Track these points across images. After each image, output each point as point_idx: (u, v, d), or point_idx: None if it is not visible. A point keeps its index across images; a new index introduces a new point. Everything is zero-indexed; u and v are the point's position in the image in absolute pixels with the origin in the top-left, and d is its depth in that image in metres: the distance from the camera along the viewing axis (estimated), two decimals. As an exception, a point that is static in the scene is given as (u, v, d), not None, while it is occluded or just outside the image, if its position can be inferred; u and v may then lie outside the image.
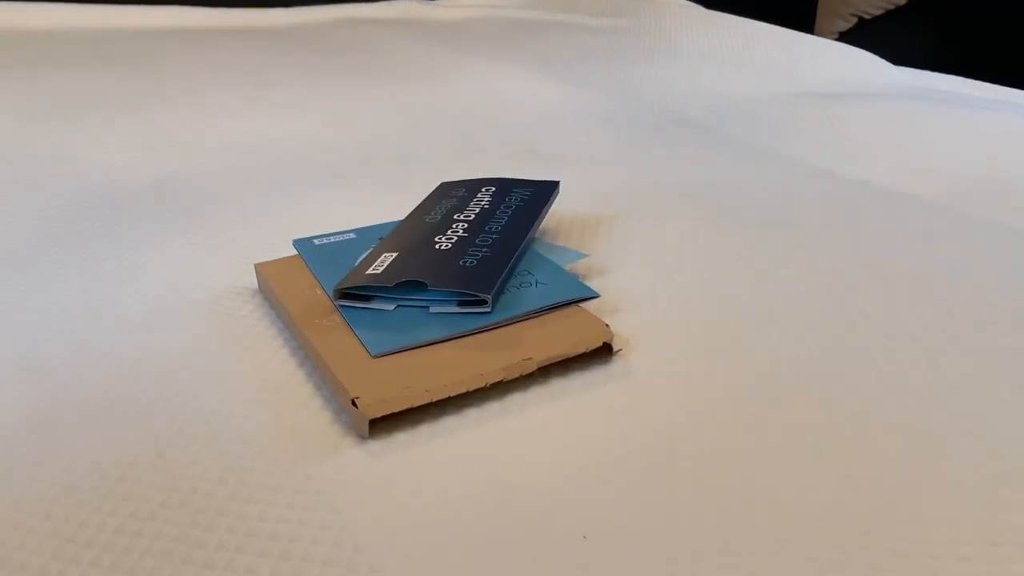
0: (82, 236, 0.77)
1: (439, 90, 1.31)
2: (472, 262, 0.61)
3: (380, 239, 0.69)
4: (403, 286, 0.59)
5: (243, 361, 0.57)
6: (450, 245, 0.64)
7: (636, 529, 0.41)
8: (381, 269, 0.61)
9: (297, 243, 0.70)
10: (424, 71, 1.45)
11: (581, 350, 0.55)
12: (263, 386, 0.54)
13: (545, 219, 0.79)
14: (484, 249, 0.63)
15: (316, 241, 0.70)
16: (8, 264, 0.72)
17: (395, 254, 0.63)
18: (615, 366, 0.55)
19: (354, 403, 0.49)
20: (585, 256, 0.67)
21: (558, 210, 0.82)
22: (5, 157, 0.98)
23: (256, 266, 0.67)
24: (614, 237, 0.76)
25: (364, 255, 0.66)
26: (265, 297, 0.66)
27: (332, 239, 0.70)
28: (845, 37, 3.07)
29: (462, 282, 0.58)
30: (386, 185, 0.90)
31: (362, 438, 0.49)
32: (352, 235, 0.71)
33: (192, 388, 0.53)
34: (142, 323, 0.62)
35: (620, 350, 0.57)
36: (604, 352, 0.56)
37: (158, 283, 0.68)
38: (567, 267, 0.67)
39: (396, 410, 0.49)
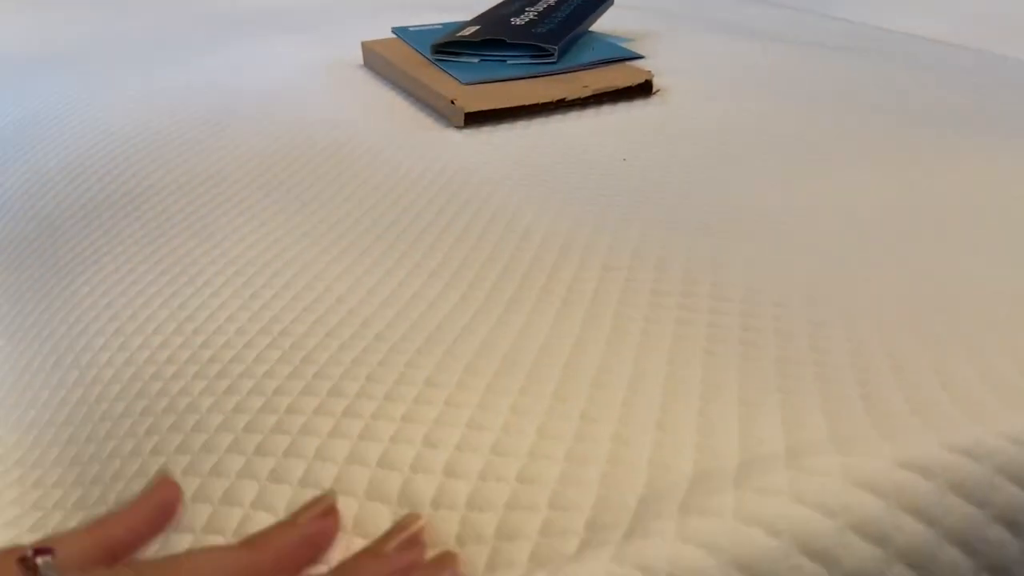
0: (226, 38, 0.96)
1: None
2: (542, 31, 0.78)
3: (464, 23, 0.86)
4: (486, 44, 0.77)
5: (361, 97, 0.75)
6: (523, 22, 0.81)
7: (658, 175, 0.58)
8: (468, 33, 0.78)
9: (395, 29, 0.87)
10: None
11: (627, 83, 0.71)
12: (378, 113, 0.72)
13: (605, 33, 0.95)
14: (551, 25, 0.80)
15: (411, 29, 0.87)
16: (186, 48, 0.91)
17: (478, 27, 0.80)
18: (654, 100, 0.72)
19: (452, 103, 0.67)
20: (640, 57, 0.83)
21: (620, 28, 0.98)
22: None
23: (363, 43, 0.85)
24: (670, 45, 0.91)
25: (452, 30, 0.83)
26: (369, 68, 0.84)
27: (424, 27, 0.87)
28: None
29: (534, 39, 0.75)
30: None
31: (459, 128, 0.66)
32: (439, 26, 0.88)
33: (328, 109, 0.72)
34: (281, 82, 0.80)
35: (659, 90, 0.73)
36: (645, 90, 0.73)
37: (277, 62, 0.86)
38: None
39: (484, 108, 0.67)
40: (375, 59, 0.82)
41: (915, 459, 0.24)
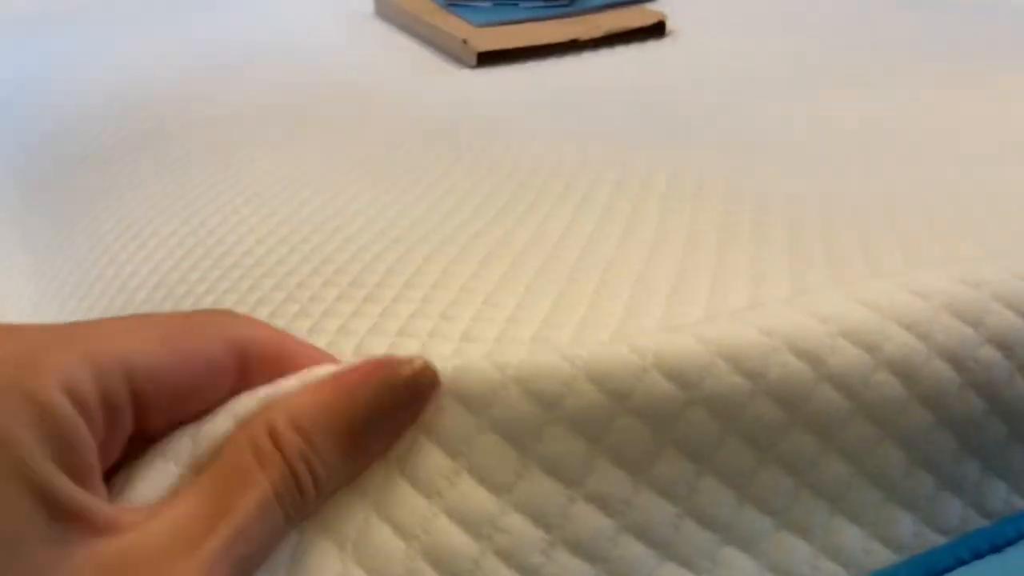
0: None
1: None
2: (554, -24, 0.79)
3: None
4: (498, -12, 0.78)
5: (374, 43, 0.76)
6: (535, -32, 0.82)
7: (670, 107, 0.59)
8: (480, -22, 0.79)
9: (407, -21, 0.88)
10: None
11: (640, 24, 0.72)
12: (391, 56, 0.73)
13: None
14: (563, -29, 0.81)
15: (422, -22, 0.88)
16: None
17: (490, -27, 0.81)
18: (667, 41, 0.73)
19: (465, 42, 0.68)
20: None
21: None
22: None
23: (374, -10, 0.86)
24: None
25: (464, -21, 0.84)
26: (381, 17, 0.85)
27: (435, -23, 0.88)
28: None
29: (546, -19, 0.76)
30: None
31: (472, 68, 0.68)
32: (451, -24, 0.89)
33: (341, 54, 0.73)
34: (295, 31, 0.81)
35: (672, 31, 0.74)
36: (659, 31, 0.73)
37: (291, 12, 0.88)
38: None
39: (496, 47, 0.67)
40: (387, 7, 0.83)
41: (913, 282, 0.25)
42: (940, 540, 0.26)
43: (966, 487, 0.27)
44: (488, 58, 0.68)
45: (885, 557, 0.26)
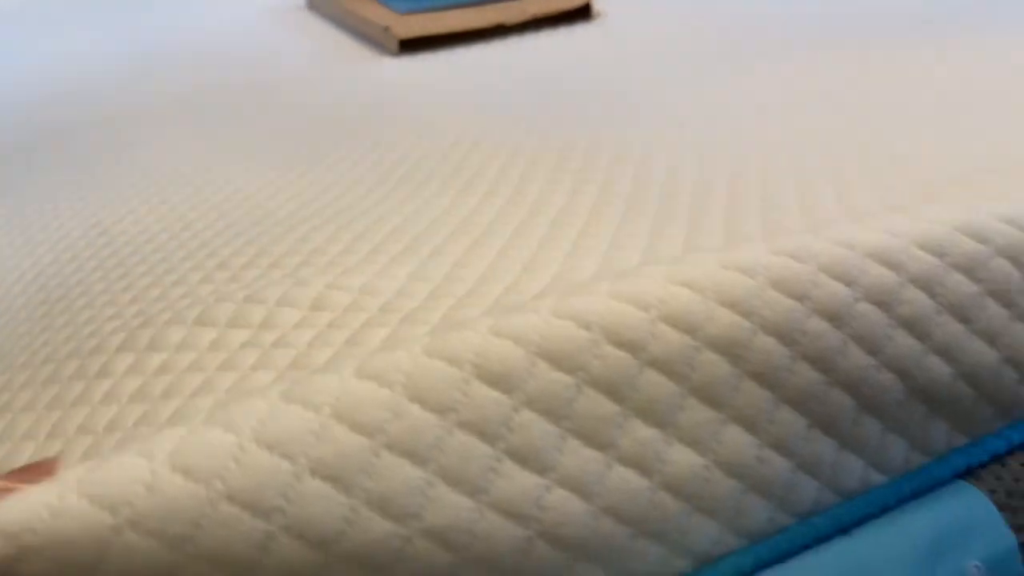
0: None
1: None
2: (483, -38, 0.79)
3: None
4: (426, -24, 0.77)
5: (302, 35, 0.75)
6: (465, -45, 0.81)
7: (594, 85, 0.59)
8: (408, -34, 0.79)
9: (339, -29, 0.87)
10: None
11: (566, 7, 0.72)
12: (316, 46, 0.73)
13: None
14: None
15: (355, -30, 0.88)
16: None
17: (419, -39, 0.81)
18: (594, 24, 0.73)
19: (386, 29, 0.67)
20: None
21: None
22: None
23: (306, -16, 0.85)
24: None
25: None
26: (312, 10, 0.84)
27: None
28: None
29: (474, -32, 0.76)
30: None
31: (395, 55, 0.67)
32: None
33: (269, 44, 0.73)
34: (231, 24, 0.81)
35: (599, 14, 0.74)
36: (585, 14, 0.73)
37: (228, 6, 0.87)
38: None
39: (418, 34, 0.67)
40: (319, 0, 0.83)
41: (737, 260, 0.25)
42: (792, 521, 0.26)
43: (823, 468, 0.26)
44: (411, 45, 0.67)
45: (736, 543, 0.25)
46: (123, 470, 0.20)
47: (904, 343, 0.26)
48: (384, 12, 0.72)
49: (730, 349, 0.24)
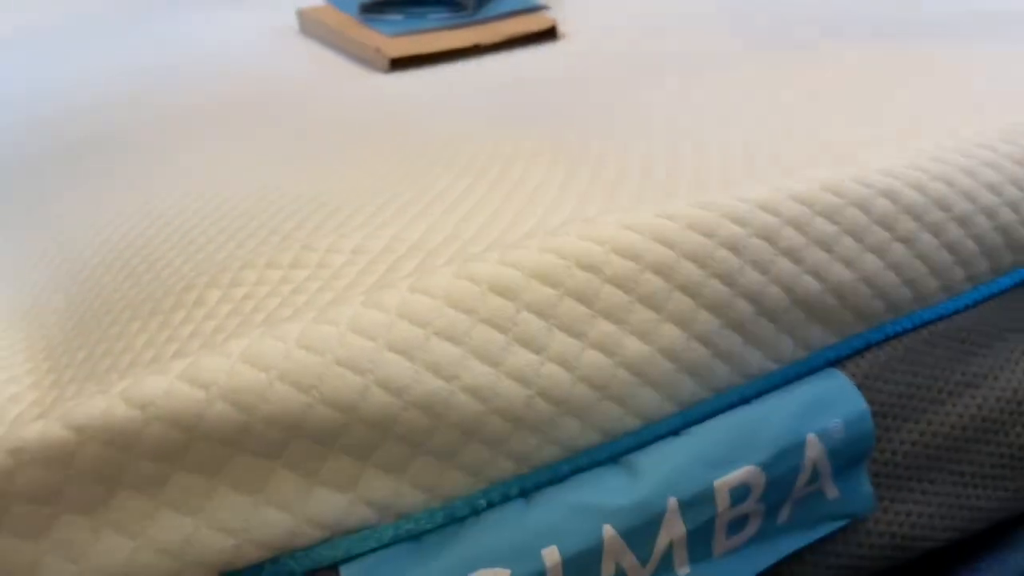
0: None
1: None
2: (459, -10, 0.90)
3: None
4: (409, 2, 0.88)
5: (298, 55, 0.86)
6: (443, -16, 0.93)
7: (559, 96, 0.70)
8: (392, -6, 0.90)
9: (328, -2, 0.98)
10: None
11: (534, 28, 0.84)
12: (312, 65, 0.83)
13: None
14: (467, -15, 0.92)
15: (342, -3, 0.99)
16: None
17: (402, -11, 0.92)
18: (560, 43, 0.84)
19: (377, 50, 0.78)
20: (547, 8, 0.95)
21: None
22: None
23: (299, 10, 0.96)
24: (571, 4, 1.04)
25: (379, -5, 0.95)
26: (305, 33, 0.95)
27: (354, -5, 0.99)
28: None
29: (451, -5, 0.88)
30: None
31: (385, 73, 0.78)
32: (369, -6, 0.99)
33: (269, 64, 0.83)
34: (229, 45, 0.91)
35: (564, 35, 0.86)
36: (551, 35, 0.85)
37: (225, 30, 0.97)
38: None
39: (406, 54, 0.78)
40: (311, 24, 0.94)
41: (665, 210, 0.36)
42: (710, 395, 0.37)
43: (733, 356, 0.37)
44: (400, 63, 0.78)
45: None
46: (210, 364, 0.31)
47: (785, 266, 0.38)
48: (374, 35, 0.83)
49: (662, 270, 0.36)
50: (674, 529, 0.35)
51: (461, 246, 0.39)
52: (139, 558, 0.29)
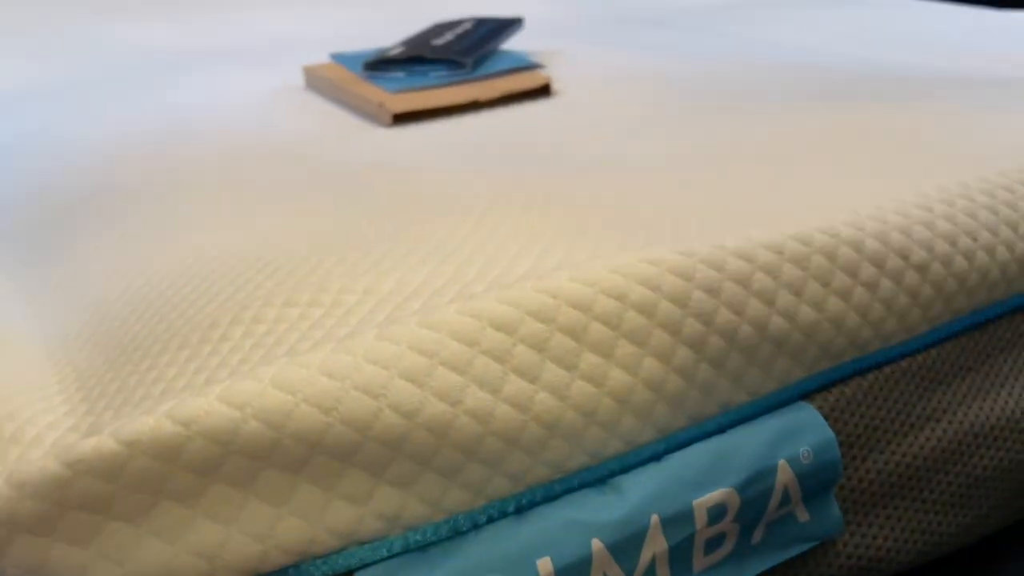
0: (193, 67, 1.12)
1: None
2: (458, 48, 0.96)
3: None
4: (411, 61, 0.94)
5: (305, 111, 0.91)
6: (443, 43, 0.99)
7: (552, 149, 0.75)
8: (395, 52, 0.95)
9: (333, 55, 1.04)
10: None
11: (530, 86, 0.89)
12: (318, 120, 0.89)
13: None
14: (466, 44, 0.98)
15: (347, 54, 1.04)
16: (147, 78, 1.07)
17: (404, 47, 0.98)
18: (554, 99, 0.90)
19: (381, 105, 0.83)
20: (542, 66, 1.01)
21: (527, 47, 1.16)
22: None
23: (304, 67, 1.01)
24: (570, 58, 1.10)
25: (382, 51, 1.00)
26: (311, 89, 1.00)
27: (358, 52, 1.04)
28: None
29: (452, 55, 0.93)
30: (397, 23, 1.25)
31: (387, 126, 0.83)
32: (372, 50, 1.05)
33: (276, 119, 0.88)
34: (239, 104, 0.96)
35: (557, 92, 0.91)
36: (545, 92, 0.90)
37: (237, 85, 1.03)
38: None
39: (408, 109, 0.83)
40: (316, 81, 0.99)
41: (649, 256, 0.41)
42: (686, 423, 0.41)
43: (707, 388, 0.42)
44: (402, 118, 0.84)
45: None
46: (244, 387, 0.35)
47: (757, 307, 0.42)
48: (377, 91, 0.89)
49: (644, 309, 0.40)
50: (657, 544, 0.39)
51: (463, 287, 0.44)
52: (177, 562, 0.33)
